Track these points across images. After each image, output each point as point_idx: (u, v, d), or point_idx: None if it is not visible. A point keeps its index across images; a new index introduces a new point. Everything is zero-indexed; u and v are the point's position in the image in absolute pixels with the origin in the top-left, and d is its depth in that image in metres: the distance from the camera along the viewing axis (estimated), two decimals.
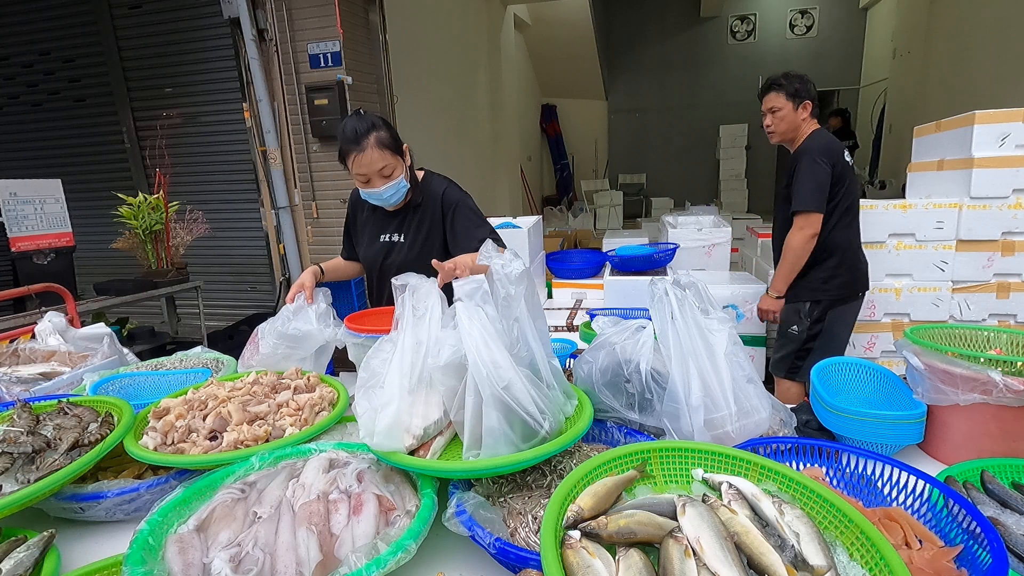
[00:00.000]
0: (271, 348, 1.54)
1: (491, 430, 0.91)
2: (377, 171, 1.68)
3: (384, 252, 1.91)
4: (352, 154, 1.66)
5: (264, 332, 1.56)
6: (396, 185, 1.72)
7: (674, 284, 1.12)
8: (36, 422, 1.16)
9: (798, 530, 0.75)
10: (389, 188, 1.71)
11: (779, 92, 2.35)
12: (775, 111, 2.38)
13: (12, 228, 3.05)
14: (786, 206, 2.35)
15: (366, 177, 1.69)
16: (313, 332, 1.56)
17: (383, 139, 1.66)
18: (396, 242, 1.89)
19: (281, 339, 1.54)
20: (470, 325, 0.96)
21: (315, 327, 1.56)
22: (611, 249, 3.33)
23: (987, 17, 5.51)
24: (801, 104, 2.33)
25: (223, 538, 0.85)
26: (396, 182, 1.71)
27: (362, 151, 1.64)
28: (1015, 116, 2.56)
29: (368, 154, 1.64)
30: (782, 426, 1.19)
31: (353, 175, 1.72)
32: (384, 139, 1.66)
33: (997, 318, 2.78)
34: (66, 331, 1.86)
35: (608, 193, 10.02)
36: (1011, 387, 1.00)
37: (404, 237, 1.88)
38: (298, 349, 1.56)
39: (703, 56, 10.98)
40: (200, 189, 4.72)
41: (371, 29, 4.31)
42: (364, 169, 1.67)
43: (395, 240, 1.89)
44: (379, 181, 1.70)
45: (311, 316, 1.59)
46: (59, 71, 4.88)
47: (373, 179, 1.70)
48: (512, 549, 0.80)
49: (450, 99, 6.49)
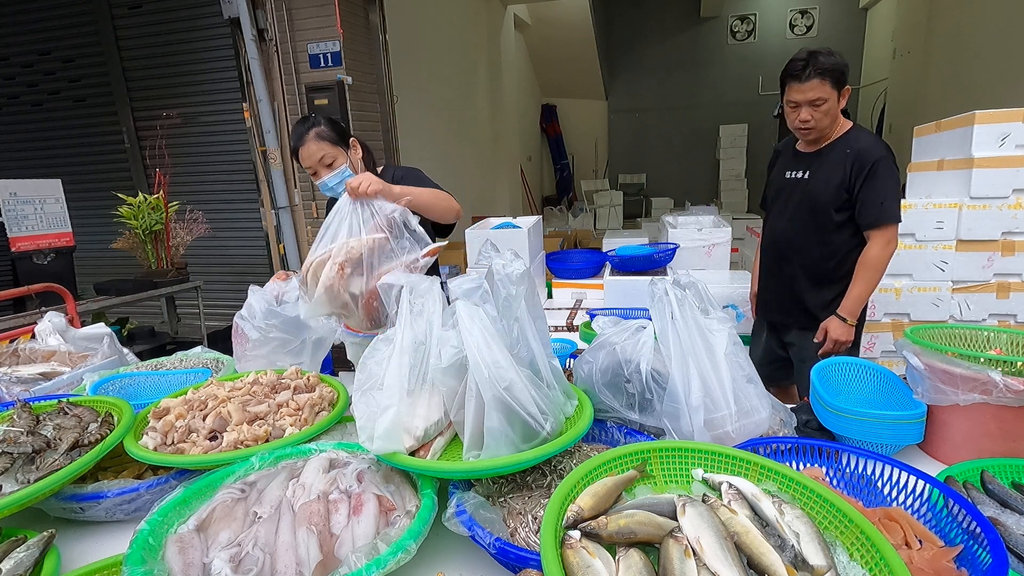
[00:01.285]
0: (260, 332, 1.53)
1: (492, 430, 0.91)
2: (318, 161, 1.79)
3: None
4: (298, 152, 1.80)
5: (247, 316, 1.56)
6: (340, 173, 1.81)
7: (674, 284, 1.12)
8: (36, 422, 1.16)
9: (798, 530, 0.75)
10: (334, 176, 1.80)
11: (825, 79, 1.82)
12: (819, 104, 1.86)
13: (12, 228, 3.05)
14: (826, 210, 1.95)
15: (313, 169, 1.81)
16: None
17: (322, 132, 1.79)
18: None
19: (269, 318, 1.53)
20: (471, 325, 0.96)
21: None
22: (611, 249, 3.33)
23: (987, 17, 5.51)
24: (843, 92, 1.87)
25: (223, 538, 0.85)
26: (340, 170, 1.81)
27: (303, 145, 1.78)
28: (1015, 116, 2.56)
29: (307, 147, 1.77)
30: (782, 426, 1.19)
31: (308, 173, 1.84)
32: (323, 132, 1.79)
33: (997, 318, 2.77)
34: (66, 331, 1.86)
35: (608, 193, 10.02)
36: (1011, 387, 1.00)
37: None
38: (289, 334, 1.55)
39: (703, 56, 10.98)
40: (200, 189, 4.72)
41: (371, 29, 4.31)
42: (308, 162, 1.80)
43: None
44: (323, 171, 1.81)
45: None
46: (59, 71, 4.88)
47: (319, 170, 1.81)
48: (512, 549, 0.80)
49: (450, 99, 6.49)
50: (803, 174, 2.02)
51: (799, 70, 1.85)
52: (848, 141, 1.95)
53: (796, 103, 1.89)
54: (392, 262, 1.42)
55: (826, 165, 1.96)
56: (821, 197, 1.96)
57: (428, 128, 5.79)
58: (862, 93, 9.96)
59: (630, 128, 11.74)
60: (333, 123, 1.85)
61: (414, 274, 1.15)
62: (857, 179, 1.89)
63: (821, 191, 1.96)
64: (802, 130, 1.94)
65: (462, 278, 1.10)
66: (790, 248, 2.08)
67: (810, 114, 1.88)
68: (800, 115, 1.90)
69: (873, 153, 1.87)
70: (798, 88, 1.86)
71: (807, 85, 1.84)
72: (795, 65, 1.87)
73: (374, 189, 1.44)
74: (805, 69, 1.84)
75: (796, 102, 1.89)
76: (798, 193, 2.03)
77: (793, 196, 2.05)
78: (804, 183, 2.01)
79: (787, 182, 2.08)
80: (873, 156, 1.87)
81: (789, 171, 2.08)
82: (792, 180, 2.06)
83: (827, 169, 1.96)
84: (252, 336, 1.54)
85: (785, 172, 2.10)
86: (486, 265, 1.10)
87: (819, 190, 1.96)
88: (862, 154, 1.89)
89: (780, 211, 2.11)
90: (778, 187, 2.13)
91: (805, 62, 1.84)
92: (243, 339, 1.57)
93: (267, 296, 1.62)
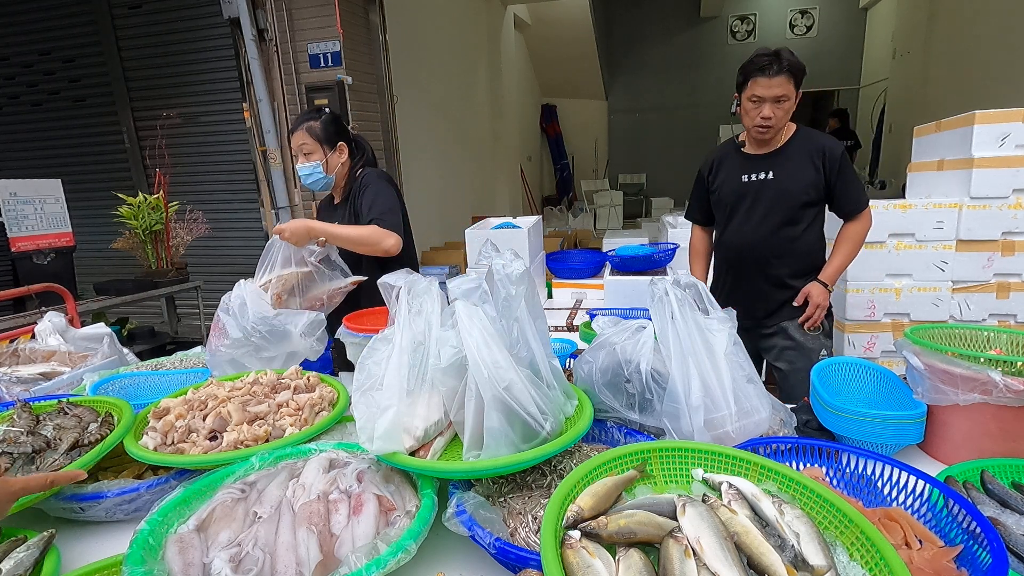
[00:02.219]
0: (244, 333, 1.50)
1: (492, 430, 0.91)
2: (298, 148, 1.96)
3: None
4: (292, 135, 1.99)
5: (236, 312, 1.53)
6: (311, 167, 1.97)
7: (674, 284, 1.12)
8: (36, 422, 1.16)
9: (798, 530, 0.75)
10: (305, 167, 1.97)
11: (790, 78, 1.83)
12: (783, 101, 1.86)
13: (12, 228, 3.05)
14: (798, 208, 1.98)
15: (294, 154, 1.99)
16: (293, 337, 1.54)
17: (312, 127, 1.94)
18: None
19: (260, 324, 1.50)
20: (470, 325, 0.96)
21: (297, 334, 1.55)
22: (611, 249, 3.33)
23: (987, 17, 5.51)
24: (798, 95, 1.89)
25: (223, 538, 0.85)
26: (312, 164, 1.96)
27: (295, 131, 1.96)
28: (1015, 116, 2.56)
29: (297, 135, 1.95)
30: (782, 426, 1.19)
31: None
32: (313, 128, 1.94)
33: (997, 318, 2.77)
34: (66, 331, 1.86)
35: (608, 193, 10.02)
36: (1011, 387, 1.00)
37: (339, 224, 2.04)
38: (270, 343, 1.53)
39: (703, 56, 10.99)
40: (200, 189, 4.72)
41: (371, 29, 4.31)
42: (293, 147, 1.98)
43: None
44: (301, 159, 1.97)
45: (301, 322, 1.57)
46: (59, 71, 4.88)
47: (299, 157, 1.97)
48: (512, 549, 0.80)
49: (450, 99, 6.49)
50: (766, 175, 2.02)
51: (766, 64, 1.83)
52: (808, 139, 1.99)
53: (760, 99, 1.87)
54: (319, 289, 1.80)
55: (792, 164, 1.99)
56: (794, 195, 1.99)
57: (428, 128, 5.79)
58: (862, 93, 9.97)
59: (630, 128, 11.75)
60: (331, 123, 1.99)
61: (412, 273, 1.15)
62: (831, 173, 1.96)
63: (793, 189, 1.98)
64: (761, 127, 1.92)
65: (461, 278, 1.10)
66: (766, 250, 2.06)
67: (772, 111, 1.87)
68: (762, 111, 1.87)
69: (837, 148, 1.96)
70: (765, 83, 1.84)
71: (775, 80, 1.83)
72: (762, 59, 1.84)
73: (295, 240, 1.74)
74: (772, 64, 1.82)
75: (760, 97, 1.86)
76: (767, 195, 2.02)
77: (761, 198, 2.03)
78: (772, 183, 2.01)
79: (747, 186, 2.05)
80: (838, 150, 1.96)
81: (745, 175, 2.06)
82: (754, 183, 2.04)
83: (794, 167, 1.98)
84: (233, 335, 1.50)
85: (740, 176, 2.07)
86: (486, 265, 1.10)
87: (792, 188, 1.98)
88: (829, 150, 1.95)
89: (746, 216, 2.08)
90: (736, 193, 2.08)
91: (772, 57, 1.83)
92: (223, 334, 1.52)
93: (265, 298, 1.61)
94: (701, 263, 2.37)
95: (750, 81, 1.88)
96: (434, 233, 5.91)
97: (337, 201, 2.10)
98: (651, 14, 10.98)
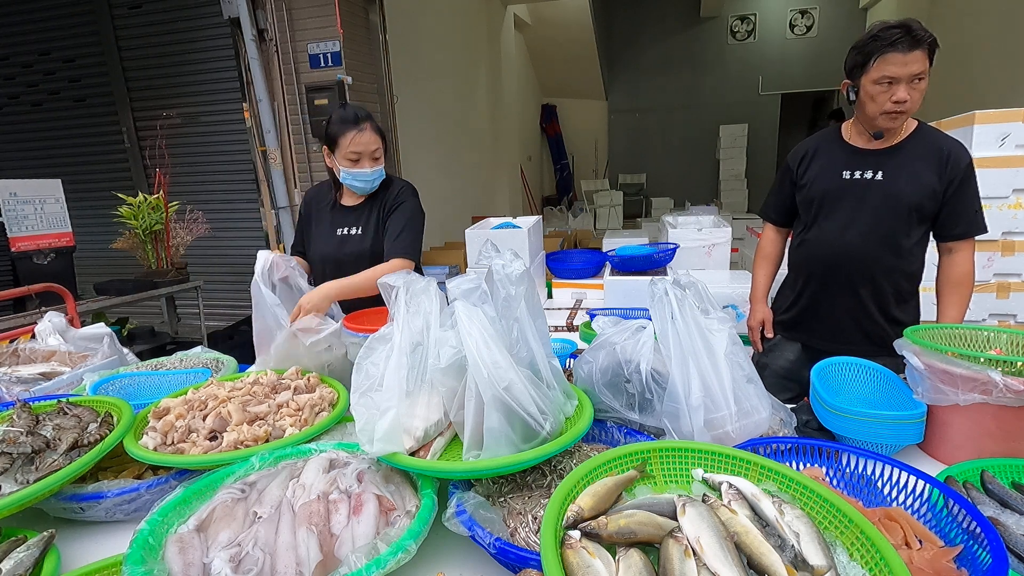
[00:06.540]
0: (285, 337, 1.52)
1: (492, 431, 0.91)
2: (371, 152, 1.83)
3: (340, 244, 1.98)
4: (351, 133, 1.80)
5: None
6: (381, 171, 1.89)
7: (674, 284, 1.12)
8: (36, 422, 1.16)
9: (798, 530, 0.75)
10: (377, 171, 1.87)
11: (926, 52, 1.52)
12: (920, 80, 1.54)
13: (12, 228, 3.05)
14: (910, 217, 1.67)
15: (358, 156, 1.83)
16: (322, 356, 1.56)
17: (377, 127, 1.85)
18: (353, 235, 1.97)
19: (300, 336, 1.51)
20: (470, 325, 0.96)
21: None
22: (611, 249, 3.32)
23: (987, 17, 5.52)
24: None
25: (223, 538, 0.85)
26: (381, 167, 1.89)
27: (362, 131, 1.80)
28: (1015, 116, 2.56)
29: (367, 135, 1.81)
30: (782, 426, 1.20)
31: (343, 154, 1.83)
32: (378, 128, 1.86)
33: (997, 318, 2.77)
34: (66, 331, 1.86)
35: (608, 193, 10.02)
36: (1011, 387, 1.00)
37: (360, 230, 1.97)
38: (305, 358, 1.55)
39: (703, 56, 10.97)
40: (200, 189, 4.71)
41: (371, 29, 4.31)
42: (361, 148, 1.81)
43: (352, 233, 1.98)
44: (368, 163, 1.84)
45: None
46: (59, 71, 4.88)
47: (364, 160, 1.84)
48: (512, 549, 0.80)
49: (450, 99, 6.49)
50: (873, 175, 1.70)
51: (899, 37, 1.51)
52: (932, 138, 1.68)
53: (893, 79, 1.54)
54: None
55: (909, 165, 1.66)
56: (904, 203, 1.66)
57: (428, 128, 5.78)
58: None
59: (630, 128, 11.74)
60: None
61: (411, 274, 1.15)
62: (952, 183, 1.63)
63: (909, 195, 1.65)
64: (894, 114, 1.58)
65: (461, 278, 1.10)
66: (866, 262, 1.72)
67: (908, 93, 1.54)
68: (896, 93, 1.54)
69: (964, 155, 1.64)
70: (900, 60, 1.52)
71: (911, 56, 1.50)
72: (892, 33, 1.52)
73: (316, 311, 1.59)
74: (905, 38, 1.50)
75: (894, 77, 1.53)
76: (873, 197, 1.69)
77: (866, 201, 1.70)
78: (880, 185, 1.69)
79: (849, 184, 1.73)
80: (966, 158, 1.64)
81: (847, 171, 1.73)
82: (858, 182, 1.72)
83: (912, 169, 1.66)
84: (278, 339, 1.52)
85: (840, 172, 1.74)
86: (486, 265, 1.09)
87: (906, 193, 1.65)
88: (956, 155, 1.63)
89: (844, 219, 1.74)
90: (836, 190, 1.75)
91: (903, 30, 1.51)
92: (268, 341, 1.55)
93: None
94: (768, 268, 2.05)
95: (878, 60, 1.56)
96: (434, 233, 5.91)
97: (351, 204, 1.99)
98: (651, 14, 10.97)
